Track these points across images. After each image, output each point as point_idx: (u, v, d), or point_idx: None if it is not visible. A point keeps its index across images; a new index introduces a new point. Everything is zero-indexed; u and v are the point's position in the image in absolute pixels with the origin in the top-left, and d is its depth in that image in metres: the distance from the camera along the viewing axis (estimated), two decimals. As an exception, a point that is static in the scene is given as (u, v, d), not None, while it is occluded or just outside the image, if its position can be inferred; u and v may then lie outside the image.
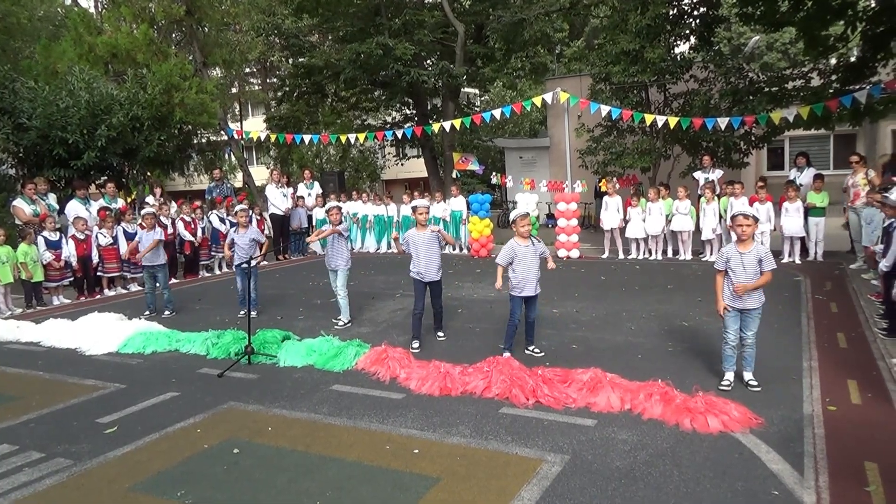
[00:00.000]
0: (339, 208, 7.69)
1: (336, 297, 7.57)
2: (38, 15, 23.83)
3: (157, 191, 12.74)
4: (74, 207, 10.55)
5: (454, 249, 6.17)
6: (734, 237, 4.91)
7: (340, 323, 7.48)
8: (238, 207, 8.66)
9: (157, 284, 8.65)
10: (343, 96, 21.10)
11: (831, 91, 11.79)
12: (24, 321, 8.27)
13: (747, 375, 4.90)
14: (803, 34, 12.23)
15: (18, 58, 18.67)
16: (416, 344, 6.37)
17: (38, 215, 10.06)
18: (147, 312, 8.47)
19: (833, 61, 12.76)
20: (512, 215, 5.91)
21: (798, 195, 10.41)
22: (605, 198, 12.28)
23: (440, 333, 6.82)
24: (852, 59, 12.53)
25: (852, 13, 11.23)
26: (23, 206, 10.06)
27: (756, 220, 4.85)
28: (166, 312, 8.56)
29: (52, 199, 10.77)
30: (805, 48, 12.71)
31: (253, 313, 8.21)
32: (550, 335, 6.63)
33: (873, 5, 11.16)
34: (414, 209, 6.77)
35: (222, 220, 12.23)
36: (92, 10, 22.63)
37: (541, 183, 14.24)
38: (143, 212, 9.01)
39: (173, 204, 12.30)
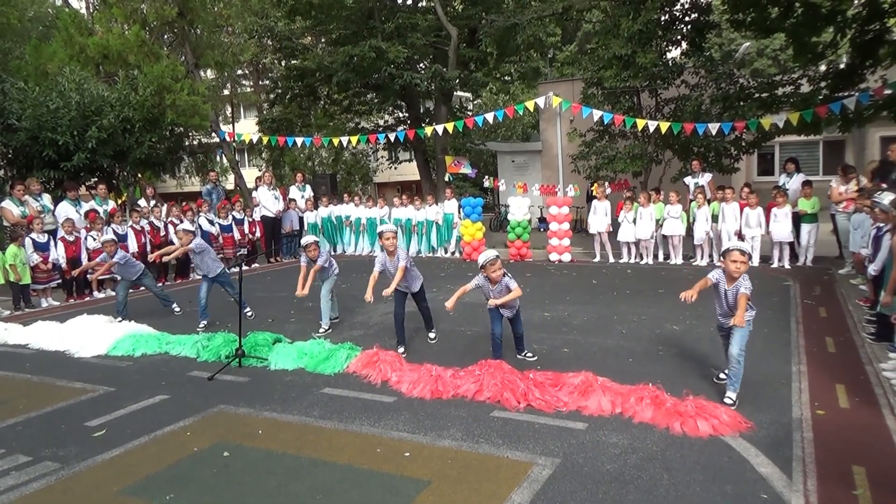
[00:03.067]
0: (317, 244, 7.34)
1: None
2: (29, 15, 23.63)
3: (150, 192, 12.69)
4: (65, 209, 10.50)
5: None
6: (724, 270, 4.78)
7: (321, 330, 7.30)
8: (182, 228, 8.59)
9: (142, 289, 8.64)
10: (336, 99, 21.05)
11: (820, 97, 11.90)
12: (11, 323, 8.21)
13: (728, 393, 4.69)
14: (793, 41, 12.35)
15: (8, 58, 18.50)
16: (401, 349, 6.31)
17: (26, 217, 9.98)
18: (119, 318, 8.03)
19: (822, 68, 12.87)
20: (480, 259, 5.62)
21: (786, 200, 10.49)
22: (594, 202, 12.33)
23: (431, 334, 6.82)
24: (841, 65, 12.65)
25: (841, 20, 11.34)
26: (11, 208, 9.99)
27: (750, 256, 4.86)
28: (176, 308, 8.71)
29: (46, 199, 10.68)
30: (795, 55, 12.82)
31: (250, 314, 8.19)
32: (542, 339, 6.64)
33: (862, 12, 11.27)
34: (380, 234, 6.43)
35: (212, 223, 12.19)
36: (83, 10, 22.49)
37: (533, 187, 14.28)
38: (103, 239, 8.86)
39: (164, 206, 12.25)
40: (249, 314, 8.20)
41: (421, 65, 19.03)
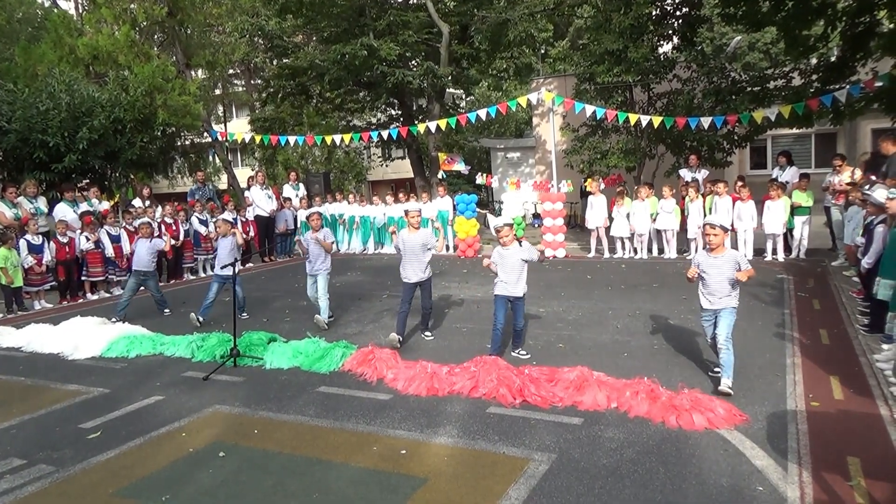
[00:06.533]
0: (320, 214, 7.64)
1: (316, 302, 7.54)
2: (18, 17, 23.52)
3: (146, 192, 12.63)
4: (62, 210, 10.43)
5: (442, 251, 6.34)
6: (702, 243, 5.05)
7: (325, 318, 7.41)
8: (222, 217, 8.56)
9: (141, 290, 8.59)
10: (328, 97, 20.98)
11: (812, 90, 11.92)
12: (4, 326, 8.16)
13: (723, 381, 4.74)
14: (784, 34, 12.37)
15: (-3, 60, 18.41)
16: (395, 335, 6.40)
17: (20, 219, 9.93)
18: (115, 319, 7.97)
19: (814, 61, 12.91)
20: (492, 224, 5.99)
21: (781, 193, 10.51)
22: (590, 197, 12.33)
23: (427, 333, 6.83)
24: (832, 58, 12.68)
25: (832, 13, 11.37)
26: (3, 210, 9.92)
27: (724, 229, 4.97)
28: (166, 311, 8.68)
29: (41, 202, 10.62)
30: (786, 48, 12.85)
31: (245, 315, 8.17)
32: (537, 334, 6.65)
33: (852, 5, 11.30)
34: (406, 212, 6.84)
35: (203, 223, 12.14)
36: (72, 11, 22.36)
37: (526, 183, 14.27)
38: (138, 221, 8.94)
39: (159, 207, 12.20)
40: (244, 315, 8.18)
41: (413, 62, 18.98)
